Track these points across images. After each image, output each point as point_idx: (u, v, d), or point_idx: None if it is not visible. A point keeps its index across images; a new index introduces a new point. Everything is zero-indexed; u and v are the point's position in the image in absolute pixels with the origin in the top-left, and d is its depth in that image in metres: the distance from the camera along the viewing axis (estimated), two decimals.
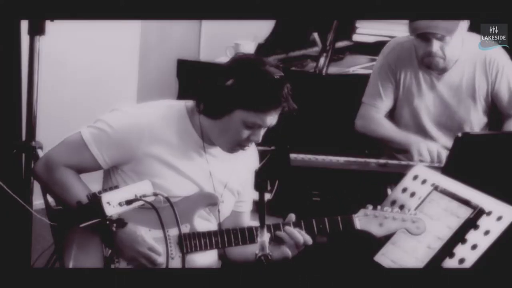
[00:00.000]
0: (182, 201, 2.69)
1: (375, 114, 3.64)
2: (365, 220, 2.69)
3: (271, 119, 2.66)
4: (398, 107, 3.65)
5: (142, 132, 2.67)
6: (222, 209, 2.80)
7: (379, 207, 2.70)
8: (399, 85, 3.62)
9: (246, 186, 2.87)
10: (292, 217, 2.73)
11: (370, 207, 2.70)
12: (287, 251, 2.70)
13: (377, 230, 2.68)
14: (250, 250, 2.67)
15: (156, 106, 2.76)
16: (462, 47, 3.52)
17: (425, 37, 3.44)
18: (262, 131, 2.69)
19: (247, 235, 2.71)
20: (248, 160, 2.86)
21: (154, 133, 2.68)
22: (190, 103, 2.76)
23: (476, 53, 3.54)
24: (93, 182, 2.76)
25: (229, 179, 2.80)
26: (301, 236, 2.69)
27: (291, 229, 2.70)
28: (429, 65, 3.52)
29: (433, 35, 3.42)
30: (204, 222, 2.77)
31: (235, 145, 2.71)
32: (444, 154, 3.40)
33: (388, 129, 3.61)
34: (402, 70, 3.61)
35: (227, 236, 2.71)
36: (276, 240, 2.70)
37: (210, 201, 2.75)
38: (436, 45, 3.44)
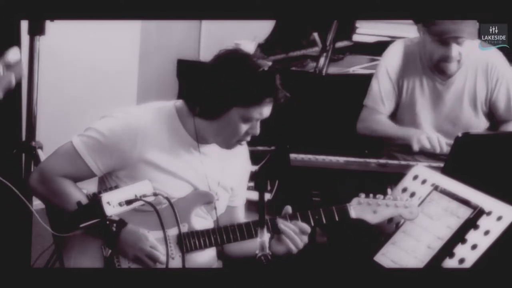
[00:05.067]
0: (178, 201, 2.68)
1: (376, 116, 3.62)
2: (359, 208, 2.71)
3: (267, 110, 2.67)
4: (399, 112, 3.63)
5: (135, 137, 2.66)
6: (218, 206, 2.80)
7: (371, 195, 2.71)
8: (401, 90, 3.59)
9: (240, 182, 2.89)
10: (288, 209, 2.74)
11: (362, 195, 2.72)
12: (290, 245, 2.69)
13: (371, 218, 2.70)
14: (247, 245, 2.72)
15: (146, 110, 2.75)
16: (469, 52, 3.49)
17: (445, 42, 3.40)
18: (259, 124, 2.70)
19: (245, 231, 2.72)
20: (240, 156, 2.87)
21: (146, 138, 2.67)
22: (179, 103, 2.76)
23: (478, 59, 3.53)
24: (91, 183, 2.76)
25: (222, 176, 2.81)
26: (296, 225, 2.69)
27: (284, 221, 2.70)
28: (444, 70, 3.49)
29: (456, 40, 3.38)
30: (201, 220, 2.77)
31: (235, 141, 2.72)
32: (444, 142, 3.39)
33: (388, 127, 3.59)
34: (405, 75, 3.58)
35: (225, 233, 2.72)
36: (276, 234, 2.70)
37: (206, 200, 2.76)
38: (455, 50, 3.41)
